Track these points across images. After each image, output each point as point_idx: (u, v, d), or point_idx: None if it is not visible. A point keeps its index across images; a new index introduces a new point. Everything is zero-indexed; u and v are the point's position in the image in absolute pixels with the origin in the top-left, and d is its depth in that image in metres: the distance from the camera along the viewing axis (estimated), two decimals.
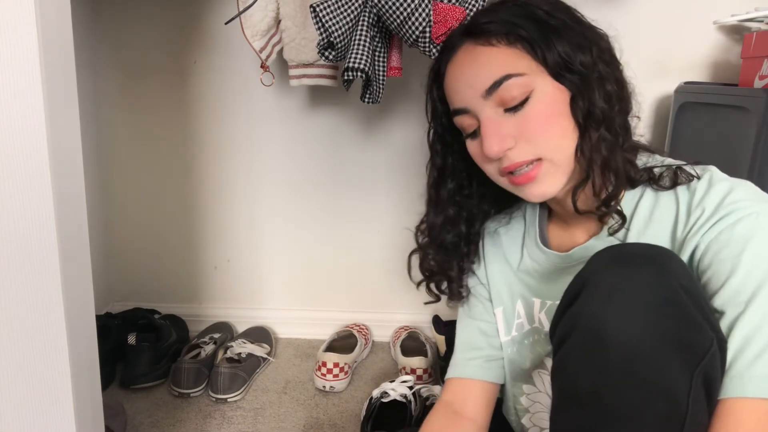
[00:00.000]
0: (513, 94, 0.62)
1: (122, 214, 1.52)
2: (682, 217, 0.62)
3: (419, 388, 1.13)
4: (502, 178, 0.68)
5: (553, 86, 0.63)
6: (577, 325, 0.54)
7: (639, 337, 0.50)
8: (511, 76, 0.62)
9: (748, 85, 1.08)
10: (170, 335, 1.35)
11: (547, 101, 0.63)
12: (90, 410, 0.71)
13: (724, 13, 1.21)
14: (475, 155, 0.69)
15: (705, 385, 0.51)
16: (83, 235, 0.69)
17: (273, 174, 1.47)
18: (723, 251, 0.57)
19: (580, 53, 0.63)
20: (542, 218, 0.78)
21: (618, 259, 0.54)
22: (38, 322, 0.64)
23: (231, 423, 1.14)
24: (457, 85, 0.67)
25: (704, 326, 0.52)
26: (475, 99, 0.65)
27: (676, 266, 0.53)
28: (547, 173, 0.64)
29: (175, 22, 1.39)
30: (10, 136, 0.60)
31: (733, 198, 0.58)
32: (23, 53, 0.59)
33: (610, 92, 0.64)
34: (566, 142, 0.64)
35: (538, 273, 0.76)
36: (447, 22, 0.97)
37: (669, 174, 0.64)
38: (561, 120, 0.63)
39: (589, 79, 0.63)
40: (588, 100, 0.63)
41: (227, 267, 1.54)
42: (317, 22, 0.98)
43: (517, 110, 0.63)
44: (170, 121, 1.45)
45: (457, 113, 0.68)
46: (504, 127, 0.63)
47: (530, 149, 0.63)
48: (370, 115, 1.40)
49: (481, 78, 0.64)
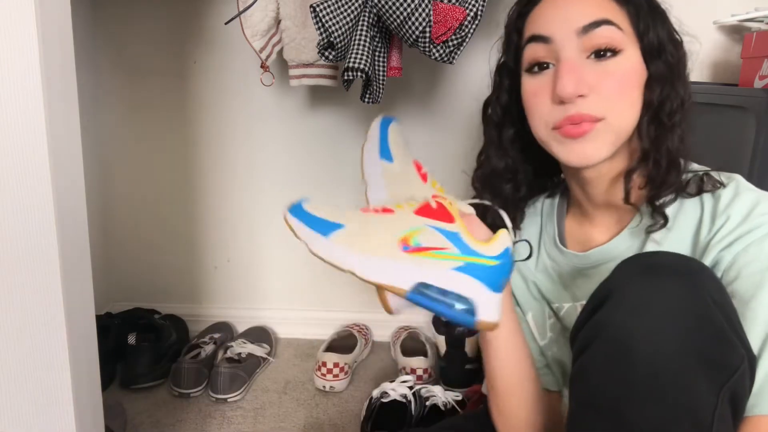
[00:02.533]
0: (606, 41, 0.61)
1: (122, 214, 1.52)
2: (706, 222, 0.60)
3: (419, 389, 1.13)
4: (550, 131, 0.64)
5: (639, 60, 0.63)
6: (601, 334, 0.52)
7: (666, 352, 0.48)
8: (613, 23, 0.61)
9: (748, 85, 1.08)
10: (170, 335, 1.35)
11: (631, 67, 0.62)
12: (90, 410, 0.71)
13: (724, 13, 1.21)
14: (531, 94, 0.65)
15: (732, 403, 0.49)
16: (83, 235, 0.69)
17: (273, 174, 1.47)
18: (751, 265, 0.55)
19: (672, 45, 0.64)
20: (561, 214, 0.76)
21: (648, 268, 0.52)
22: (38, 322, 0.64)
23: (231, 423, 1.14)
24: (551, 13, 0.64)
25: (735, 343, 0.50)
26: (565, 32, 0.62)
27: (708, 280, 0.52)
28: (602, 133, 0.61)
29: (175, 22, 1.39)
30: (10, 136, 0.60)
31: (761, 210, 0.57)
32: (23, 53, 0.59)
33: (686, 92, 0.64)
34: (633, 113, 0.63)
35: (556, 273, 0.74)
36: (447, 22, 0.97)
37: (695, 180, 0.63)
38: (635, 91, 0.63)
39: (674, 71, 0.63)
40: (671, 86, 0.63)
41: (227, 267, 1.54)
42: (317, 22, 0.98)
43: (602, 59, 0.61)
44: (170, 121, 1.45)
45: (535, 40, 0.64)
46: (584, 72, 0.61)
47: (601, 105, 0.61)
48: (370, 115, 1.39)
49: (582, 12, 0.61)
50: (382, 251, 0.54)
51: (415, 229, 0.56)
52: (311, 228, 0.57)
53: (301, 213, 0.57)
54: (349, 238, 0.55)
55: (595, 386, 0.52)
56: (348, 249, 0.55)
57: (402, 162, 0.67)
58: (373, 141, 0.70)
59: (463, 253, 0.55)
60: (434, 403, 1.10)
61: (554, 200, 0.77)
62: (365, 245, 0.54)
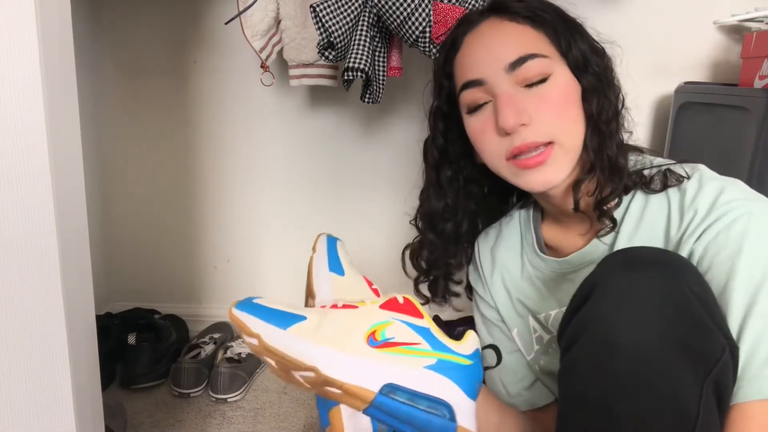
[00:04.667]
0: (535, 73, 0.63)
1: (122, 214, 1.52)
2: (675, 218, 0.61)
3: None
4: (504, 162, 0.66)
5: (570, 76, 0.65)
6: (586, 330, 0.53)
7: (649, 344, 0.49)
8: (537, 56, 0.63)
9: (748, 85, 1.08)
10: (170, 335, 1.35)
11: (564, 86, 0.64)
12: (90, 410, 0.71)
13: (724, 13, 1.21)
14: (478, 132, 0.67)
15: (716, 392, 0.50)
16: (83, 235, 0.69)
17: (273, 174, 1.47)
18: (721, 253, 0.56)
19: (595, 56, 0.66)
20: (536, 222, 0.77)
21: (628, 263, 0.53)
22: (38, 322, 0.64)
23: (231, 423, 1.14)
24: (477, 55, 0.66)
25: (716, 333, 0.51)
26: (495, 71, 0.64)
27: (687, 271, 0.53)
28: (557, 158, 0.63)
29: (175, 22, 1.39)
30: (10, 136, 0.60)
31: (725, 198, 0.58)
32: (23, 53, 0.59)
33: (617, 98, 0.67)
34: (579, 128, 0.65)
35: (540, 281, 0.75)
36: (447, 22, 0.97)
37: (659, 176, 0.64)
38: (574, 107, 0.65)
39: (603, 80, 0.66)
40: (604, 96, 0.65)
41: (227, 267, 1.54)
42: (317, 22, 0.98)
43: (534, 88, 0.63)
44: (170, 121, 1.45)
45: (469, 86, 0.66)
46: (521, 102, 0.63)
47: (545, 130, 0.63)
48: (370, 115, 1.40)
49: (507, 50, 0.64)
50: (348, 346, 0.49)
51: (383, 322, 0.52)
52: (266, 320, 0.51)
53: (252, 307, 0.52)
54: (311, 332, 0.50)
55: (581, 382, 0.53)
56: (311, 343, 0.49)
57: (352, 276, 0.64)
58: (322, 254, 0.67)
59: (435, 348, 0.52)
60: None
61: (529, 210, 0.78)
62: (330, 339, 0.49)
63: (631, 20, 1.27)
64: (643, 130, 1.33)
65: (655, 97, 1.32)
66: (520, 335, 0.77)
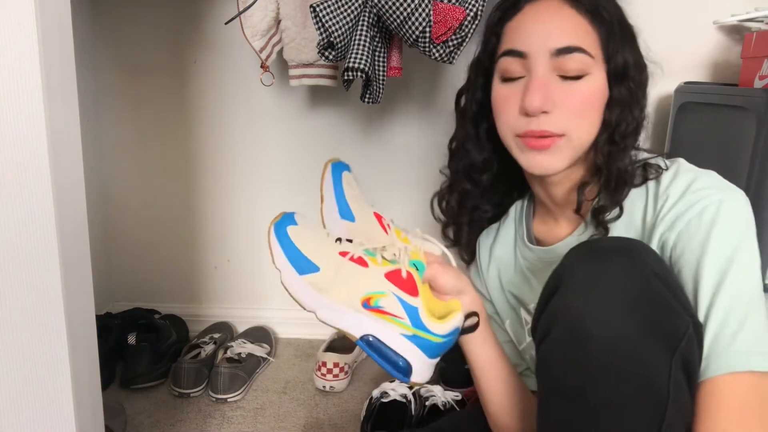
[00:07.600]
0: (576, 67, 0.64)
1: (122, 214, 1.52)
2: (650, 205, 0.64)
3: (419, 388, 1.13)
4: (514, 137, 0.68)
5: (604, 81, 0.67)
6: (557, 321, 0.55)
7: (617, 329, 0.51)
8: (583, 51, 0.64)
9: (748, 85, 1.08)
10: (170, 335, 1.35)
11: (596, 89, 0.66)
12: (90, 410, 0.71)
13: (724, 13, 1.21)
14: (502, 100, 0.69)
15: (684, 369, 0.52)
16: (83, 235, 0.69)
17: (273, 174, 1.47)
18: (693, 239, 0.58)
19: (636, 70, 0.67)
20: (528, 216, 0.80)
21: (591, 253, 0.56)
22: (38, 322, 0.64)
23: (231, 423, 1.14)
24: (530, 27, 0.67)
25: (679, 311, 0.53)
26: (540, 50, 0.65)
27: (648, 255, 0.55)
28: (561, 148, 0.66)
29: (175, 22, 1.39)
30: (10, 136, 0.60)
31: (697, 186, 0.60)
32: (23, 53, 0.59)
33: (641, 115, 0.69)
34: (592, 131, 0.67)
35: (530, 271, 0.77)
36: (447, 22, 0.97)
37: (640, 170, 0.67)
38: (596, 111, 0.67)
39: (633, 96, 0.67)
40: (628, 110, 0.67)
41: (227, 267, 1.54)
42: (317, 22, 0.98)
43: (568, 81, 0.65)
44: (170, 121, 1.45)
45: (511, 54, 0.67)
46: (552, 90, 0.64)
47: (562, 123, 0.65)
48: (370, 115, 1.40)
49: (559, 34, 0.65)
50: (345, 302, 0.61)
51: (380, 293, 0.61)
52: (289, 260, 0.63)
53: (285, 238, 0.63)
54: (320, 284, 0.62)
55: (557, 373, 0.55)
56: (316, 293, 0.61)
57: (364, 220, 0.72)
58: (330, 201, 0.75)
59: (414, 326, 0.61)
60: (434, 403, 1.10)
61: (523, 203, 0.81)
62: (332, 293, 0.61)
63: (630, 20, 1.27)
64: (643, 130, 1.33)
65: (655, 97, 1.32)
66: (512, 326, 0.80)
